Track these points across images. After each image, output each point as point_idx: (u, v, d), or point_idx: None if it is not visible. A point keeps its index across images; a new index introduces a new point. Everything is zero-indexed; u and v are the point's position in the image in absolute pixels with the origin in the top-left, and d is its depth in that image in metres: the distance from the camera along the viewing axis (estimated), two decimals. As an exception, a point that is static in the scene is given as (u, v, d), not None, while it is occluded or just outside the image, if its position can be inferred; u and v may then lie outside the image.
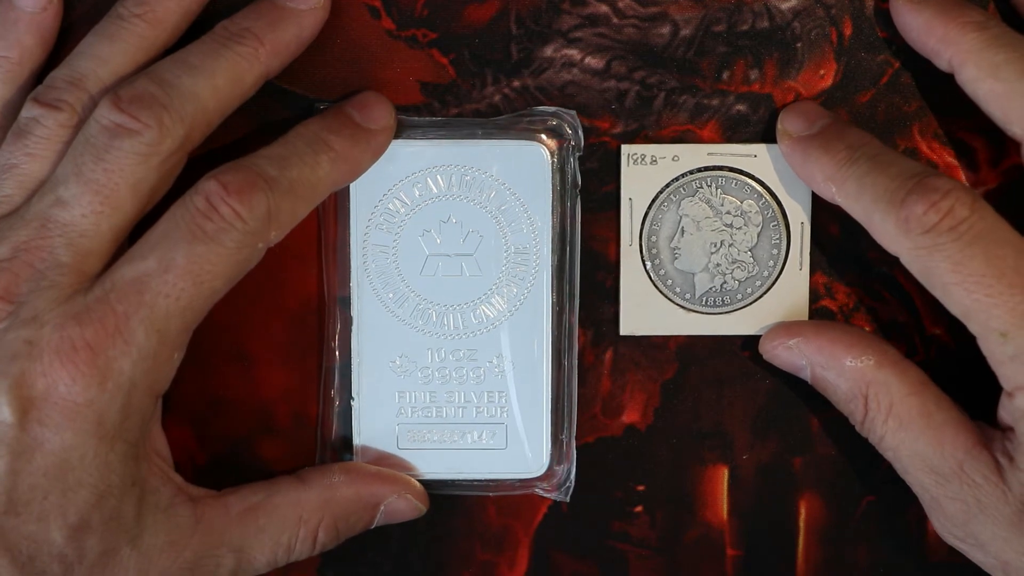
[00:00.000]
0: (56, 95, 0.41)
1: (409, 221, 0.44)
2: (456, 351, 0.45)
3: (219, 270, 0.39)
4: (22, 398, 0.38)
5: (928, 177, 0.40)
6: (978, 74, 0.41)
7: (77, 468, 0.38)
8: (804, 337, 0.43)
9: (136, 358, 0.39)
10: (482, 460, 0.45)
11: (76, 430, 0.38)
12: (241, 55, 0.41)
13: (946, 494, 0.41)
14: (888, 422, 0.42)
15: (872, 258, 0.45)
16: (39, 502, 0.38)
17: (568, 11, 0.44)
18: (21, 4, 0.43)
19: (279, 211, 0.40)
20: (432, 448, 0.45)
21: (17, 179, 0.41)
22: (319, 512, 0.43)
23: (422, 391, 0.45)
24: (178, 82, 0.40)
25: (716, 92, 0.44)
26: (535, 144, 0.44)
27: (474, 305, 0.45)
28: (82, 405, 0.38)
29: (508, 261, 0.45)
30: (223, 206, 0.39)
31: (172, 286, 0.39)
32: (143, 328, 0.39)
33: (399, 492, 0.44)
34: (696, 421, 0.46)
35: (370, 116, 0.43)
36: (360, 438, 0.45)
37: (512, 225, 0.44)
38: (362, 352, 0.45)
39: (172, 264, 0.39)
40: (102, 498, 0.39)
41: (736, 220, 0.45)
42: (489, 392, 0.45)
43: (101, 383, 0.38)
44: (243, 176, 0.39)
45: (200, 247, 0.39)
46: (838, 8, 0.44)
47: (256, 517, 0.42)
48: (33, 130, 0.41)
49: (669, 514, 0.46)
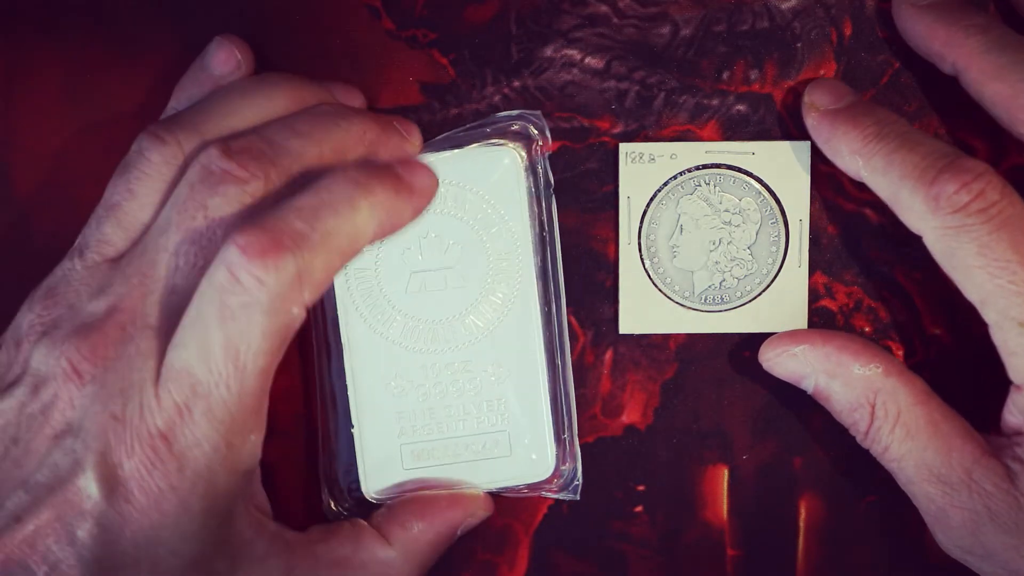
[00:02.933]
0: (167, 129, 0.40)
1: (389, 242, 0.44)
2: (450, 364, 0.45)
3: (257, 347, 0.37)
4: (109, 476, 0.37)
5: (960, 158, 0.40)
6: (982, 77, 0.41)
7: (168, 542, 0.38)
8: (811, 344, 0.43)
9: (207, 449, 0.37)
10: (488, 469, 0.45)
11: (162, 512, 0.37)
12: (349, 131, 0.41)
13: (954, 504, 0.41)
14: (895, 431, 0.42)
15: (872, 258, 0.45)
16: (131, 569, 0.38)
17: (568, 11, 0.44)
18: (212, 66, 0.42)
19: (311, 270, 0.37)
20: (438, 464, 0.45)
21: (118, 220, 0.40)
22: (405, 567, 0.43)
23: (421, 409, 0.45)
24: (286, 143, 0.39)
25: (716, 92, 0.45)
26: (504, 148, 0.44)
27: (462, 317, 0.45)
28: (166, 491, 0.37)
29: (491, 268, 0.44)
30: (244, 275, 0.36)
31: (217, 375, 0.37)
32: (205, 420, 0.37)
33: (471, 512, 0.44)
34: (696, 421, 0.46)
35: (413, 172, 0.41)
36: (365, 465, 0.45)
37: (491, 232, 0.44)
38: (356, 379, 0.45)
39: (209, 353, 0.36)
40: (195, 562, 0.38)
41: (735, 218, 0.45)
42: (488, 401, 0.45)
43: (180, 470, 0.37)
44: (266, 237, 0.36)
45: (231, 327, 0.36)
46: (838, 8, 0.44)
47: (343, 571, 0.42)
48: (137, 163, 0.40)
49: (669, 514, 0.46)
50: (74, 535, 0.37)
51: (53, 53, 0.45)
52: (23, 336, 0.40)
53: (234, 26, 0.44)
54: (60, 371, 0.38)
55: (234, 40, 0.43)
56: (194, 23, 0.44)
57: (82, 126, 0.45)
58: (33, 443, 0.38)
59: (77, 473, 0.37)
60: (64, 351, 0.38)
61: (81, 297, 0.39)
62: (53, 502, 0.37)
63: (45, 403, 0.38)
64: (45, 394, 0.38)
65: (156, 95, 0.44)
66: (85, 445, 0.37)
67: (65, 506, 0.37)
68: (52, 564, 0.37)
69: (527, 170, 0.44)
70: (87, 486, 0.37)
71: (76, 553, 0.37)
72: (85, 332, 0.38)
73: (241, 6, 0.44)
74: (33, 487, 0.38)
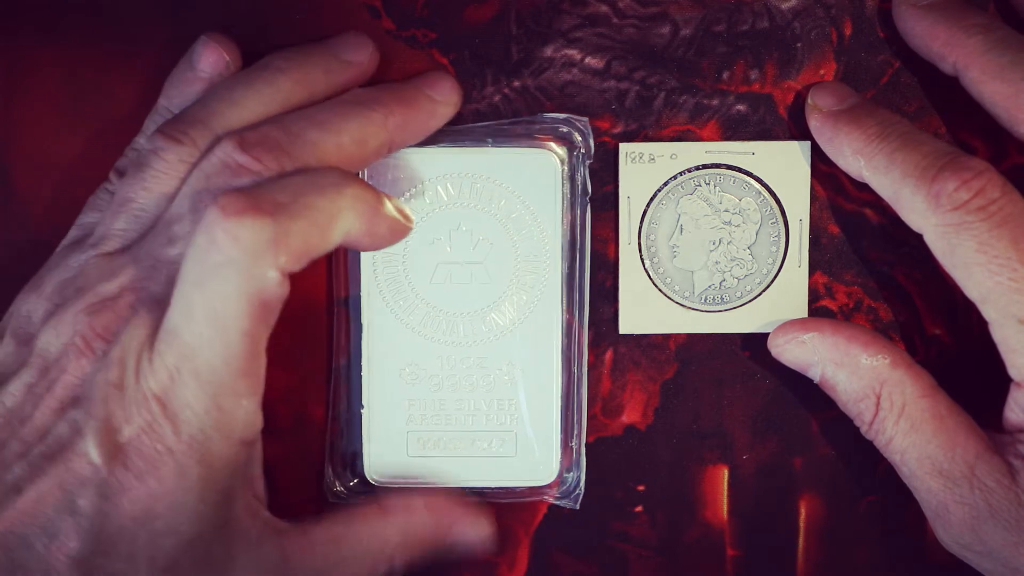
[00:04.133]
0: (181, 129, 0.40)
1: (419, 229, 0.44)
2: (466, 359, 0.45)
3: (235, 308, 0.37)
4: (109, 442, 0.37)
5: (961, 156, 0.40)
6: (983, 76, 0.41)
7: (165, 516, 0.38)
8: (820, 333, 0.43)
9: (199, 410, 0.38)
10: (492, 468, 0.45)
11: (160, 478, 0.38)
12: (370, 119, 0.41)
13: (955, 499, 0.41)
14: (900, 423, 0.42)
15: (872, 258, 0.45)
16: (127, 544, 0.38)
17: (568, 11, 0.44)
18: (200, 66, 0.42)
19: (287, 235, 0.37)
20: (442, 455, 0.45)
21: (133, 214, 0.40)
22: (400, 543, 0.43)
23: (432, 399, 0.45)
24: (304, 133, 0.40)
25: (716, 92, 0.45)
26: (545, 152, 0.44)
27: (484, 313, 0.45)
28: (163, 453, 0.38)
29: (518, 269, 0.45)
30: (219, 233, 0.37)
31: (200, 336, 0.37)
32: (194, 381, 0.37)
33: (471, 523, 0.44)
34: (696, 421, 0.46)
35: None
36: (370, 446, 0.45)
37: (522, 233, 0.44)
38: (372, 360, 0.45)
39: (191, 314, 0.37)
40: (192, 543, 0.38)
41: (735, 218, 0.45)
42: (499, 400, 0.45)
43: (175, 432, 0.38)
44: (245, 200, 0.37)
45: (208, 287, 0.37)
46: (838, 8, 0.44)
47: (339, 548, 0.42)
48: (152, 163, 0.40)
49: (669, 514, 0.46)
50: (74, 504, 0.37)
51: (53, 53, 0.45)
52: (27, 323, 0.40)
53: (234, 26, 0.44)
54: (73, 347, 0.39)
55: (220, 39, 0.43)
56: (194, 23, 0.44)
57: (82, 126, 0.45)
58: (37, 418, 0.39)
59: (77, 440, 0.38)
60: (78, 329, 0.39)
61: (91, 281, 0.40)
62: (54, 471, 0.38)
63: (52, 380, 0.39)
64: (54, 372, 0.39)
65: (156, 95, 0.44)
66: (86, 413, 0.38)
67: (66, 474, 0.38)
68: (51, 534, 0.37)
69: (566, 176, 0.44)
70: (88, 452, 0.37)
71: (75, 523, 0.37)
72: (97, 310, 0.39)
73: (241, 6, 0.44)
74: (35, 458, 0.38)
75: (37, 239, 0.45)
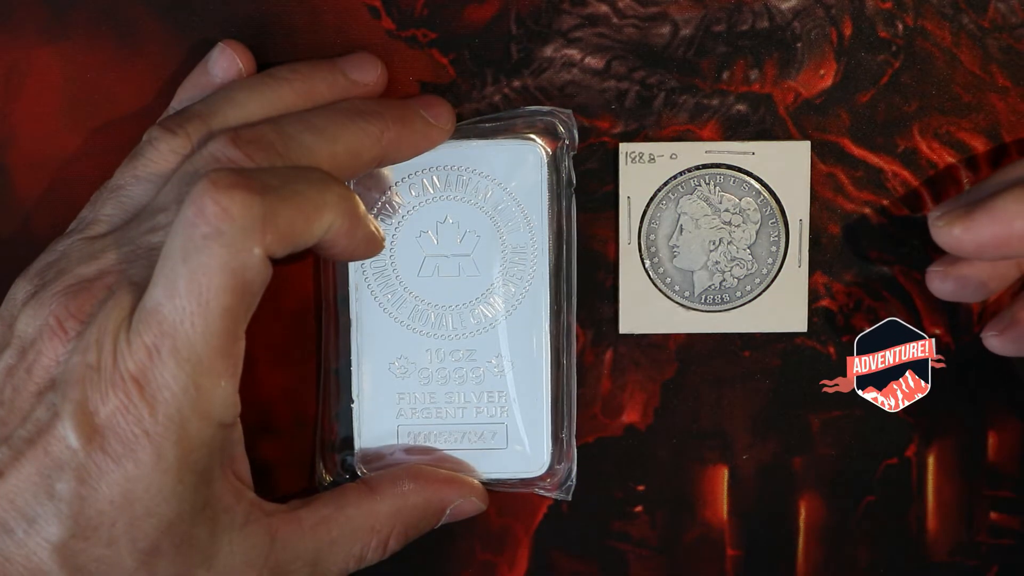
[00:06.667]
0: (177, 122, 0.41)
1: (405, 222, 0.44)
2: (455, 351, 0.45)
3: (219, 282, 0.37)
4: (86, 424, 0.37)
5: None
6: None
7: (143, 498, 0.38)
8: None
9: (176, 390, 0.37)
10: (483, 460, 0.45)
11: (137, 461, 0.37)
12: (366, 132, 0.41)
13: None
14: None
15: (872, 258, 0.45)
16: (107, 528, 0.38)
17: (568, 11, 0.44)
18: (214, 71, 0.43)
19: (275, 217, 0.37)
20: (433, 448, 0.45)
21: (120, 201, 0.41)
22: (391, 521, 0.43)
23: (422, 392, 0.45)
24: (299, 136, 0.40)
25: (716, 92, 0.45)
26: (530, 143, 0.44)
27: (472, 305, 0.45)
28: (140, 435, 0.37)
29: (505, 261, 0.45)
30: (209, 204, 0.36)
31: (182, 310, 0.37)
32: (172, 359, 0.37)
33: (465, 495, 0.44)
34: (696, 421, 0.46)
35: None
36: (361, 440, 0.45)
37: (509, 225, 0.44)
38: (361, 354, 0.45)
39: (174, 289, 0.37)
40: (172, 525, 0.38)
41: (735, 218, 0.45)
42: (489, 392, 0.45)
43: (152, 414, 0.37)
44: (236, 177, 0.37)
45: (194, 260, 0.36)
46: (838, 8, 0.44)
47: (329, 529, 0.42)
48: (145, 152, 0.41)
49: (669, 514, 0.46)
50: (52, 488, 0.37)
51: (53, 53, 0.45)
52: (12, 306, 0.40)
53: (234, 26, 0.44)
54: (47, 328, 0.38)
55: (236, 46, 0.43)
56: (194, 23, 0.44)
57: (82, 126, 0.45)
58: (18, 402, 0.38)
59: (55, 424, 0.37)
60: (52, 309, 0.38)
61: (71, 264, 0.40)
62: (33, 455, 0.37)
63: (31, 363, 0.39)
64: (31, 354, 0.39)
65: (156, 96, 0.44)
66: (63, 396, 0.38)
67: (44, 458, 0.37)
68: (30, 520, 0.37)
69: (551, 167, 0.44)
70: (65, 435, 0.37)
71: (55, 508, 0.37)
72: (74, 291, 0.39)
73: (241, 6, 0.44)
74: (14, 442, 0.38)
75: (37, 239, 0.45)
